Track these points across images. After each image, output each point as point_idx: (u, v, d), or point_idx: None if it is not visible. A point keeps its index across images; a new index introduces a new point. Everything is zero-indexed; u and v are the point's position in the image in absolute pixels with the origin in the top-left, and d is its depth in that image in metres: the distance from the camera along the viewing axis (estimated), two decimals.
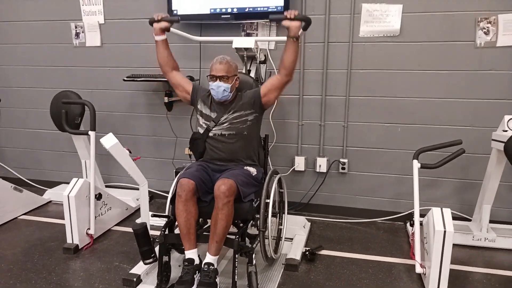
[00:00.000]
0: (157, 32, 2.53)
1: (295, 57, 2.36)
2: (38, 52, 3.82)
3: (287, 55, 2.37)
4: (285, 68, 2.39)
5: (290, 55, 2.36)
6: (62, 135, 3.81)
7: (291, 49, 2.35)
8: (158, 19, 2.49)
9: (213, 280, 2.14)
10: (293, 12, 2.27)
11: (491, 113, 2.95)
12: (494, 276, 2.53)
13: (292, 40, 2.33)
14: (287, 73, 2.40)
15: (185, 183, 2.23)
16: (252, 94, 2.51)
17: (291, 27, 2.29)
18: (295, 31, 2.30)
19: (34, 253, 2.81)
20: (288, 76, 2.42)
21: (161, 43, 2.56)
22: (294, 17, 2.27)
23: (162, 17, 2.49)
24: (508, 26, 2.84)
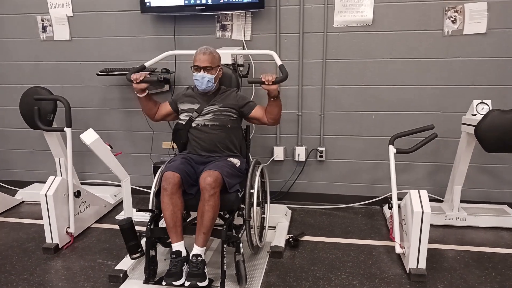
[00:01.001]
0: (138, 92, 2.52)
1: (279, 110, 2.50)
2: (2, 47, 3.66)
3: (272, 110, 2.48)
4: (272, 118, 2.52)
5: (274, 109, 2.48)
6: (31, 133, 3.70)
7: (274, 105, 2.45)
8: (137, 82, 2.46)
9: (202, 271, 2.16)
10: (270, 78, 2.31)
11: (460, 98, 3.09)
12: (467, 252, 2.68)
13: (273, 99, 2.41)
14: (274, 122, 2.55)
15: (170, 176, 2.23)
16: (243, 104, 2.56)
17: (270, 90, 2.36)
18: (274, 93, 2.38)
19: (12, 255, 2.72)
20: (275, 123, 2.59)
21: (143, 98, 2.57)
22: (272, 82, 2.32)
23: (140, 80, 2.45)
24: (474, 15, 2.97)
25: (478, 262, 2.56)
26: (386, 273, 2.45)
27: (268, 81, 2.31)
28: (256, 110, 2.56)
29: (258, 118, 2.56)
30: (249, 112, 2.55)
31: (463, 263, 2.55)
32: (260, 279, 2.38)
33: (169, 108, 2.65)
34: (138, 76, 2.46)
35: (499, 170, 3.23)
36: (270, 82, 2.31)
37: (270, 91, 2.37)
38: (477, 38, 3.01)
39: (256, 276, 2.40)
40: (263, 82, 2.33)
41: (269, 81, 2.31)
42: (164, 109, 2.66)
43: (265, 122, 2.55)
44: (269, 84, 2.32)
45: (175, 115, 2.65)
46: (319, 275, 2.43)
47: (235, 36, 3.27)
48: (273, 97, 2.41)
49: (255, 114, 2.56)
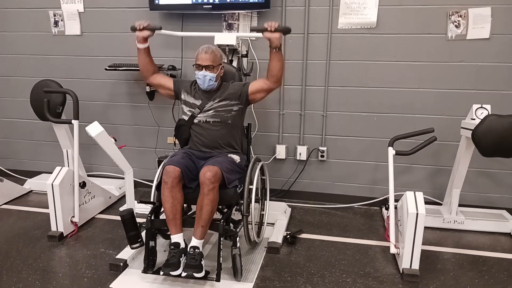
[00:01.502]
0: (140, 40, 2.55)
1: (281, 65, 2.44)
2: (15, 41, 3.77)
3: (273, 65, 2.44)
4: (273, 76, 2.47)
5: (276, 64, 2.43)
6: (40, 125, 3.79)
7: (275, 59, 2.43)
8: (140, 28, 2.50)
9: (199, 262, 2.22)
10: (273, 24, 2.32)
11: (461, 103, 3.11)
12: (462, 255, 2.71)
13: (275, 50, 2.40)
14: (275, 80, 2.48)
15: (171, 170, 2.30)
16: (240, 87, 2.57)
17: (272, 38, 2.35)
18: (276, 43, 2.37)
19: (18, 242, 2.82)
20: (277, 83, 2.50)
21: (143, 50, 2.60)
22: (274, 29, 2.33)
23: (144, 26, 2.50)
24: (477, 19, 3.00)
25: (472, 265, 2.59)
26: (380, 272, 2.49)
27: (271, 26, 2.31)
28: (253, 83, 2.56)
29: (259, 87, 2.54)
30: (248, 89, 2.55)
31: (457, 265, 2.58)
32: (255, 273, 2.44)
33: (170, 84, 2.64)
34: (142, 23, 2.50)
35: (499, 175, 3.25)
36: (273, 28, 2.31)
37: (271, 40, 2.35)
38: (480, 43, 3.04)
39: (252, 270, 2.47)
40: (265, 29, 2.33)
41: (272, 26, 2.30)
42: (164, 80, 2.66)
43: (268, 87, 2.51)
44: (272, 30, 2.31)
45: (170, 94, 2.66)
46: (313, 272, 2.48)
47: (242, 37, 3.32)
48: (274, 47, 2.38)
49: (254, 86, 2.54)
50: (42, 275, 2.41)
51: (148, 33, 2.53)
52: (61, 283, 2.34)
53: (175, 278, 2.32)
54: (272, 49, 2.40)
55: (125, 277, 2.40)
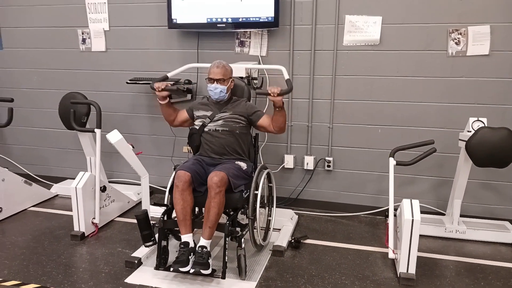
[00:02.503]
0: (160, 99, 2.86)
1: (283, 120, 2.76)
2: (46, 56, 4.10)
3: (276, 119, 2.74)
4: (277, 127, 2.78)
5: (279, 119, 2.74)
6: (67, 134, 4.09)
7: (278, 115, 2.72)
8: (159, 90, 2.80)
9: (206, 261, 2.40)
10: (276, 91, 2.60)
11: (462, 116, 3.22)
12: (461, 263, 2.80)
13: (278, 109, 2.69)
14: (278, 130, 2.80)
15: (182, 175, 2.51)
16: (251, 112, 2.83)
17: (275, 101, 2.65)
18: (279, 104, 2.66)
19: (44, 239, 3.08)
20: (280, 132, 2.83)
21: (164, 105, 2.91)
22: (277, 94, 2.60)
23: (162, 88, 2.80)
24: (477, 37, 3.13)
25: (470, 272, 2.68)
26: (378, 276, 2.62)
27: (274, 93, 2.59)
28: (263, 119, 2.82)
29: (265, 126, 2.82)
30: (256, 120, 2.81)
31: (455, 272, 2.68)
32: (259, 273, 2.60)
33: (186, 115, 2.95)
34: (160, 85, 2.78)
35: (502, 187, 3.33)
36: (275, 94, 2.58)
37: (275, 102, 2.64)
38: (480, 59, 3.16)
39: (256, 270, 2.63)
40: (269, 94, 2.60)
41: (274, 93, 2.59)
42: (182, 115, 2.97)
43: (271, 130, 2.81)
44: (274, 95, 2.59)
45: (191, 122, 2.95)
46: (314, 274, 2.63)
47: (252, 52, 3.55)
48: (278, 107, 2.67)
49: (262, 123, 2.82)
50: (64, 270, 2.65)
51: (167, 93, 2.84)
52: (81, 277, 2.56)
53: (184, 275, 2.52)
54: (276, 108, 2.69)
55: (139, 273, 2.61)
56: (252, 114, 2.81)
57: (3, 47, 4.20)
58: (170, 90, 2.83)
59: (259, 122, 2.82)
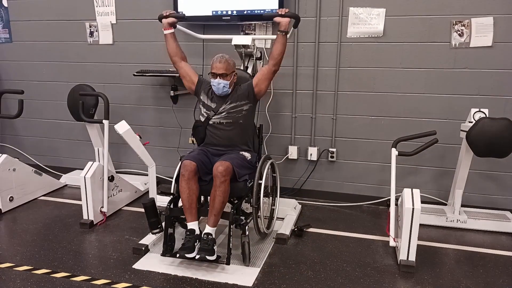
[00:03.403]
0: (166, 27, 2.90)
1: (283, 49, 2.74)
2: (55, 49, 4.18)
3: (276, 47, 2.75)
4: (273, 59, 2.76)
5: (278, 47, 2.73)
6: (76, 125, 4.18)
7: (279, 42, 2.73)
8: (166, 15, 2.87)
9: (211, 247, 2.48)
10: (284, 9, 2.70)
11: (465, 107, 3.24)
12: (460, 251, 2.85)
13: (282, 34, 2.71)
14: (275, 63, 2.77)
15: (187, 164, 2.58)
16: (246, 86, 2.85)
17: (282, 22, 2.69)
18: (284, 26, 2.69)
19: (54, 227, 3.17)
20: (276, 66, 2.78)
21: (169, 36, 2.93)
22: (284, 13, 2.67)
23: (169, 13, 2.87)
24: (480, 28, 3.15)
25: (469, 260, 2.73)
26: (379, 263, 2.68)
27: (282, 10, 2.68)
28: (256, 75, 2.84)
29: (260, 76, 2.79)
30: (252, 83, 2.81)
31: (454, 260, 2.73)
32: (263, 260, 2.68)
33: (194, 79, 2.92)
34: (169, 10, 2.89)
35: (504, 177, 3.36)
36: (283, 12, 2.67)
37: (281, 23, 2.69)
38: (483, 50, 3.18)
39: (260, 257, 2.71)
40: (277, 14, 2.69)
41: (283, 11, 2.68)
42: (191, 72, 2.94)
43: (268, 71, 2.77)
44: (282, 14, 2.66)
45: (192, 88, 2.93)
46: (316, 260, 2.70)
47: (257, 44, 3.58)
48: (282, 31, 2.70)
49: (257, 77, 2.80)
50: (74, 256, 2.74)
51: (173, 19, 2.89)
52: (91, 263, 2.66)
53: (190, 261, 2.60)
54: (280, 32, 2.71)
55: (146, 259, 2.69)
56: (247, 86, 2.83)
57: (13, 40, 4.29)
58: (177, 17, 2.90)
59: (254, 80, 2.81)
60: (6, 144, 4.53)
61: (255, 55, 3.24)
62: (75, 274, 2.51)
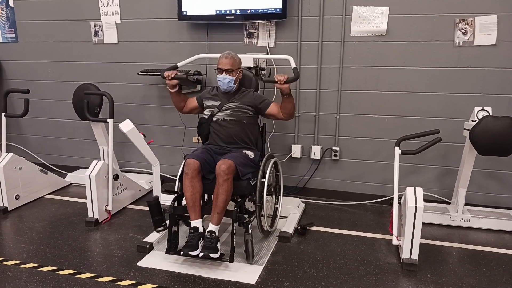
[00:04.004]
0: (170, 87, 2.95)
1: (292, 106, 2.84)
2: (60, 49, 4.21)
3: (285, 106, 2.82)
4: (285, 114, 2.86)
5: (287, 106, 2.82)
6: (81, 124, 4.21)
7: (286, 101, 2.80)
8: (169, 78, 2.89)
9: (215, 245, 2.50)
10: (282, 78, 2.68)
11: (468, 106, 3.23)
12: (464, 249, 2.86)
13: (286, 96, 2.77)
14: (287, 117, 2.89)
15: (191, 163, 2.60)
16: (259, 102, 2.89)
17: (282, 89, 2.73)
18: (286, 91, 2.75)
19: (59, 225, 3.21)
20: (289, 118, 2.93)
21: (174, 93, 3.00)
22: (284, 82, 2.68)
23: (172, 77, 2.89)
24: (484, 27, 3.14)
25: (472, 259, 2.73)
26: (382, 261, 2.69)
27: (280, 80, 2.67)
28: (271, 107, 2.89)
29: (274, 114, 2.89)
30: (265, 109, 2.89)
31: (457, 259, 2.73)
32: (266, 258, 2.70)
33: (195, 103, 3.04)
34: (170, 74, 2.89)
35: (507, 176, 3.36)
36: (282, 81, 2.67)
37: (282, 90, 2.72)
38: (487, 49, 3.18)
39: (263, 255, 2.73)
40: (276, 82, 2.69)
41: (281, 80, 2.67)
42: (192, 103, 3.06)
43: (280, 117, 2.88)
44: (281, 83, 2.67)
45: (200, 109, 3.05)
46: (319, 259, 2.71)
47: (260, 43, 3.61)
48: (285, 94, 2.75)
49: (270, 111, 2.89)
50: (79, 253, 2.77)
51: (176, 82, 2.93)
52: (96, 260, 2.68)
53: (193, 259, 2.62)
54: (283, 95, 2.77)
55: (150, 257, 2.71)
56: (260, 103, 2.88)
57: (19, 39, 4.33)
58: (179, 78, 2.92)
59: (267, 110, 2.89)
60: (12, 143, 4.57)
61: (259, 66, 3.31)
62: (80, 271, 2.54)
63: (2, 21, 4.32)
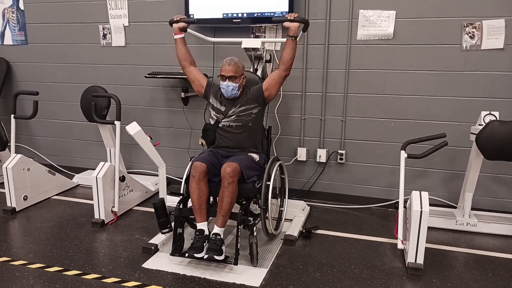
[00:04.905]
0: (176, 31, 2.93)
1: (293, 54, 2.77)
2: (69, 51, 4.26)
3: (286, 52, 2.77)
4: (283, 64, 2.78)
5: (288, 52, 2.76)
6: (89, 126, 4.25)
7: (289, 47, 2.75)
8: (177, 20, 2.90)
9: (220, 247, 2.51)
10: (293, 14, 2.72)
11: (476, 110, 3.22)
12: (470, 254, 2.84)
13: (291, 39, 2.74)
14: (285, 68, 2.79)
15: (198, 166, 2.61)
16: (256, 89, 2.87)
17: (291, 27, 2.71)
18: (294, 31, 2.72)
19: (66, 226, 3.24)
20: (286, 70, 2.81)
21: (179, 41, 2.96)
22: (293, 18, 2.70)
23: (180, 18, 2.91)
24: (491, 31, 3.13)
25: (478, 264, 2.71)
26: (387, 265, 2.68)
27: (291, 15, 2.70)
28: (265, 80, 2.86)
29: (270, 80, 2.82)
30: (262, 87, 2.83)
31: (463, 263, 2.72)
32: (271, 261, 2.70)
33: (203, 82, 2.95)
34: (179, 15, 2.93)
35: None
36: (292, 17, 2.70)
37: (290, 28, 2.72)
38: (494, 53, 3.16)
39: (268, 258, 2.73)
40: (286, 19, 2.71)
41: (292, 16, 2.70)
42: (200, 76, 2.97)
43: (279, 76, 2.80)
44: (291, 19, 2.69)
45: (201, 92, 2.96)
46: (324, 262, 2.71)
47: (267, 46, 3.60)
48: (291, 36, 2.73)
49: (267, 82, 2.83)
50: (85, 254, 2.79)
51: (183, 24, 2.92)
52: (101, 261, 2.70)
53: (198, 261, 2.63)
54: (289, 37, 2.74)
55: (155, 259, 2.73)
56: (257, 89, 2.85)
57: (28, 42, 4.39)
58: (188, 21, 2.93)
59: (264, 84, 2.83)
60: (21, 144, 4.63)
61: (264, 58, 3.27)
62: (86, 272, 2.57)
63: (13, 24, 4.39)
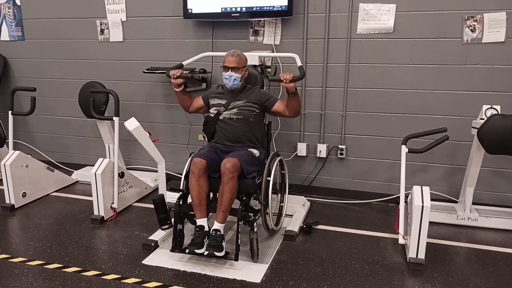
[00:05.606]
0: (175, 86, 2.95)
1: (298, 104, 2.83)
2: (67, 47, 4.23)
3: (290, 105, 2.81)
4: (291, 112, 2.85)
5: (293, 104, 2.81)
6: (88, 122, 4.22)
7: (292, 100, 2.79)
8: (174, 78, 2.90)
9: (220, 243, 2.49)
10: (288, 77, 2.66)
11: (476, 104, 3.19)
12: (471, 249, 2.83)
13: (292, 95, 2.75)
14: (293, 115, 2.89)
15: (198, 162, 2.59)
16: (265, 99, 2.88)
17: (288, 87, 2.71)
18: (291, 90, 2.73)
19: (65, 223, 3.22)
20: (295, 116, 2.92)
21: (180, 93, 3.01)
22: (289, 82, 2.66)
23: (177, 76, 2.90)
24: (492, 24, 3.10)
25: (479, 258, 2.70)
26: (388, 260, 2.67)
27: (286, 79, 2.65)
28: (277, 105, 2.88)
29: (280, 111, 2.89)
30: (271, 106, 2.88)
31: (464, 258, 2.71)
32: (271, 256, 2.69)
33: (201, 102, 3.04)
34: (175, 72, 2.89)
35: None
36: (287, 80, 2.65)
37: (287, 88, 2.70)
38: (495, 46, 3.13)
39: (268, 254, 2.72)
40: (282, 80, 2.67)
41: (287, 79, 2.65)
42: (197, 102, 3.06)
43: (286, 115, 2.88)
44: (287, 82, 2.65)
45: (206, 109, 3.04)
46: (325, 258, 2.70)
47: (266, 41, 3.59)
48: (291, 93, 2.74)
49: (276, 108, 2.88)
50: (85, 251, 2.78)
51: (181, 81, 2.94)
52: (101, 258, 2.69)
53: (198, 257, 2.62)
54: (289, 94, 2.75)
55: (155, 255, 2.72)
56: (266, 100, 2.87)
57: (25, 38, 4.35)
58: (184, 77, 2.92)
59: (273, 108, 2.88)
60: (19, 140, 4.60)
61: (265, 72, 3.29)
62: (86, 269, 2.55)
63: (9, 20, 4.35)
